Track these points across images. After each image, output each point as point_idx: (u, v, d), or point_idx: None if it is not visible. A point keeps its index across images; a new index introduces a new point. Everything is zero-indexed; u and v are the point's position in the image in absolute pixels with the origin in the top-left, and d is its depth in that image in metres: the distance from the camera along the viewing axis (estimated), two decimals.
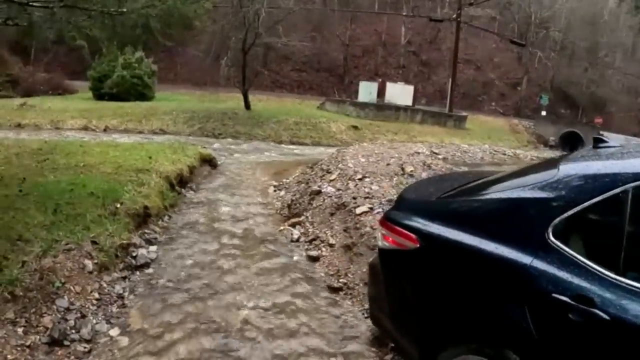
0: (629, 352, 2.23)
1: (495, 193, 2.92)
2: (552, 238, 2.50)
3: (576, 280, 2.36)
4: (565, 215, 2.50)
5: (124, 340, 4.18)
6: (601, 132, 33.72)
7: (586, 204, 2.45)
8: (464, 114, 32.71)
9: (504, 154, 15.88)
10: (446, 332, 2.95)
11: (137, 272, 5.45)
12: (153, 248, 6.08)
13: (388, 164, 9.88)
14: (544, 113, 39.91)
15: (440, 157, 11.84)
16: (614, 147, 3.09)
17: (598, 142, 3.11)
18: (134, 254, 5.66)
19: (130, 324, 4.44)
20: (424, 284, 3.09)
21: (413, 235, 3.06)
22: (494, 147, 18.38)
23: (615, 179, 2.41)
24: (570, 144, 32.73)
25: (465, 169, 10.21)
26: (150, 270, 5.55)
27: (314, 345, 4.48)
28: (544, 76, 48.22)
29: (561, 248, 2.47)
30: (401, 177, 9.01)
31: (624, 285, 2.26)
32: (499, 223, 2.74)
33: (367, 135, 23.06)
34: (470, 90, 45.75)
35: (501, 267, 2.62)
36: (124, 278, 5.21)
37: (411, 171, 9.44)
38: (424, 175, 8.90)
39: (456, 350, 2.87)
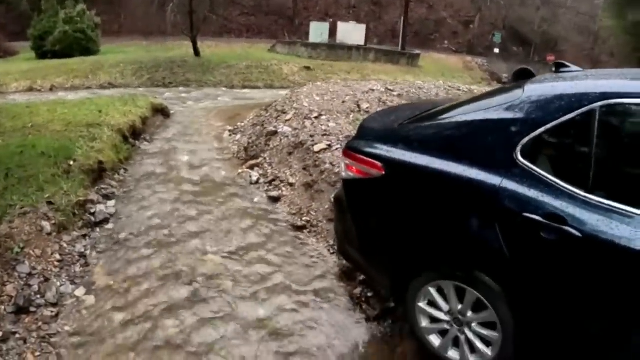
0: (600, 268, 2.27)
1: (461, 116, 2.87)
2: (520, 158, 2.49)
3: (547, 199, 2.37)
4: (533, 135, 2.49)
5: (91, 299, 4.09)
6: (553, 69, 34.21)
7: (554, 123, 2.44)
8: (417, 52, 32.58)
9: (459, 90, 15.88)
10: (417, 259, 2.94)
11: (97, 229, 5.29)
12: (111, 203, 5.92)
13: (343, 102, 9.81)
14: (496, 51, 40.05)
15: (395, 93, 11.75)
16: (576, 70, 3.10)
17: (560, 66, 3.13)
18: (92, 211, 5.49)
19: (95, 282, 4.34)
20: (391, 212, 3.05)
21: (378, 163, 3.00)
22: (448, 84, 18.37)
23: (581, 99, 2.40)
24: (524, 79, 33.04)
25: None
26: (110, 226, 5.40)
27: (283, 285, 4.47)
28: (496, 14, 48.11)
29: (530, 168, 2.46)
30: (357, 113, 8.97)
31: (594, 202, 2.28)
32: (466, 145, 2.71)
33: (320, 76, 22.74)
34: (422, 29, 45.40)
35: (470, 189, 2.60)
36: (85, 236, 5.05)
37: (367, 108, 9.40)
38: None
39: (428, 276, 2.87)
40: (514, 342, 2.61)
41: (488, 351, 2.73)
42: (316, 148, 6.99)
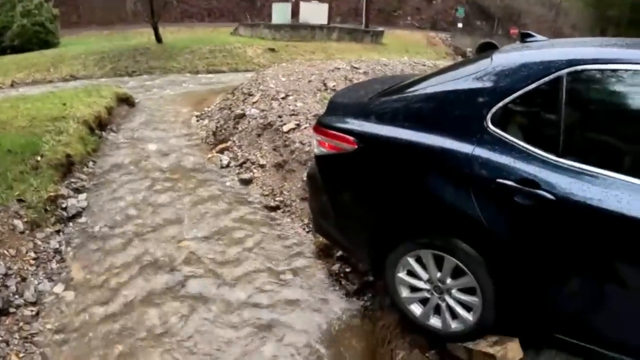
0: (573, 229, 2.32)
1: (431, 87, 2.86)
2: (491, 126, 2.51)
3: (519, 165, 2.40)
4: (503, 103, 2.51)
5: (70, 295, 4.00)
6: (517, 42, 34.60)
7: (523, 91, 2.47)
8: (381, 29, 32.52)
9: (424, 65, 15.95)
10: (395, 230, 2.94)
11: (71, 224, 5.17)
12: (82, 196, 5.78)
13: (310, 81, 9.77)
14: (460, 25, 40.20)
15: (360, 71, 11.75)
16: (542, 40, 3.15)
17: (526, 36, 3.16)
18: (64, 206, 5.36)
19: (73, 277, 4.25)
20: (366, 185, 3.04)
21: (350, 137, 2.98)
22: (413, 60, 18.45)
23: (549, 66, 2.43)
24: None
25: None
26: (83, 219, 5.28)
27: (261, 266, 4.46)
28: None
29: (501, 135, 2.49)
30: (324, 92, 8.94)
31: (565, 166, 2.32)
32: (438, 115, 2.72)
33: (285, 57, 22.54)
34: (385, 6, 45.29)
35: (443, 159, 2.61)
36: (58, 232, 4.92)
37: (333, 86, 9.37)
38: None
39: (406, 247, 2.88)
40: (494, 305, 2.64)
41: (469, 316, 2.76)
42: (285, 128, 6.96)
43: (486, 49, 35.40)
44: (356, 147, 2.94)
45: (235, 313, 3.79)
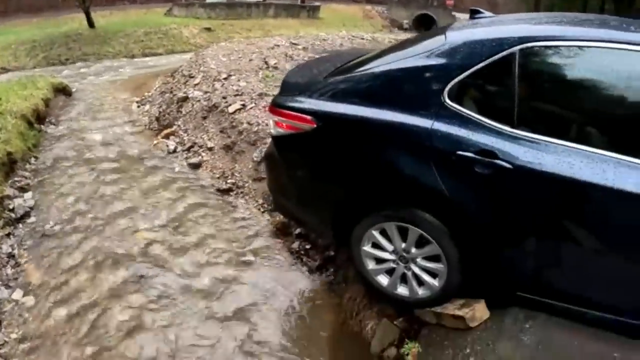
0: (530, 195, 2.46)
1: (387, 65, 2.90)
2: (448, 101, 2.59)
3: (477, 137, 2.50)
4: (459, 78, 2.59)
5: (30, 301, 3.80)
6: (453, 13, 35.11)
7: (477, 66, 2.56)
8: (317, 3, 32.44)
9: (363, 39, 16.05)
10: (358, 205, 2.98)
11: (20, 225, 4.88)
12: (28, 195, 5.48)
13: (250, 60, 9.68)
14: None
15: (300, 47, 11.72)
16: (490, 16, 3.30)
17: (474, 13, 3.33)
18: (10, 207, 5.06)
19: (30, 281, 4.03)
20: (328, 163, 3.06)
21: (309, 117, 2.97)
22: (351, 33, 18.51)
23: (502, 43, 2.53)
24: (424, 25, 33.75)
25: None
26: (32, 219, 5.00)
27: (221, 250, 4.42)
28: None
29: (459, 109, 2.58)
30: (266, 70, 8.88)
31: (520, 137, 2.45)
32: (396, 92, 2.77)
33: (222, 36, 22.21)
34: None
35: (404, 133, 2.67)
36: (9, 235, 4.63)
37: (275, 64, 9.32)
38: (288, 66, 8.77)
39: (371, 221, 2.92)
40: (459, 270, 2.74)
41: (435, 282, 2.84)
42: (231, 109, 6.87)
43: (423, 21, 36.06)
44: (315, 126, 2.94)
45: (202, 301, 3.74)
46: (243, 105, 6.89)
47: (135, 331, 3.44)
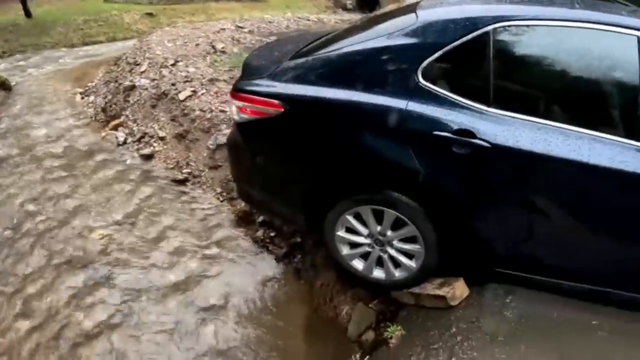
0: (508, 172, 2.50)
1: (356, 45, 2.80)
2: (422, 80, 2.56)
3: (454, 117, 2.49)
4: (433, 57, 2.56)
5: None
6: None
7: (452, 45, 2.54)
8: None
9: (309, 20, 15.82)
10: (331, 190, 2.91)
11: None
12: None
13: (197, 45, 9.35)
14: None
15: (246, 30, 11.46)
16: None
17: None
18: None
19: None
20: (298, 148, 2.97)
21: (275, 101, 2.85)
22: (297, 15, 18.22)
23: (475, 22, 2.52)
24: (368, 5, 33.76)
25: (274, 38, 10.07)
26: None
27: (183, 243, 4.25)
28: None
29: (433, 89, 2.55)
30: (214, 55, 8.60)
31: (497, 115, 2.45)
32: (367, 73, 2.71)
33: (165, 21, 21.45)
34: None
35: (377, 115, 2.62)
36: None
37: (222, 48, 9.08)
38: (236, 50, 8.59)
39: (345, 205, 2.86)
40: (436, 250, 2.72)
41: (412, 263, 2.81)
42: (181, 96, 6.62)
43: (366, 1, 36.02)
44: (283, 110, 2.82)
45: (170, 298, 3.60)
46: (194, 91, 6.66)
47: (101, 335, 3.29)
